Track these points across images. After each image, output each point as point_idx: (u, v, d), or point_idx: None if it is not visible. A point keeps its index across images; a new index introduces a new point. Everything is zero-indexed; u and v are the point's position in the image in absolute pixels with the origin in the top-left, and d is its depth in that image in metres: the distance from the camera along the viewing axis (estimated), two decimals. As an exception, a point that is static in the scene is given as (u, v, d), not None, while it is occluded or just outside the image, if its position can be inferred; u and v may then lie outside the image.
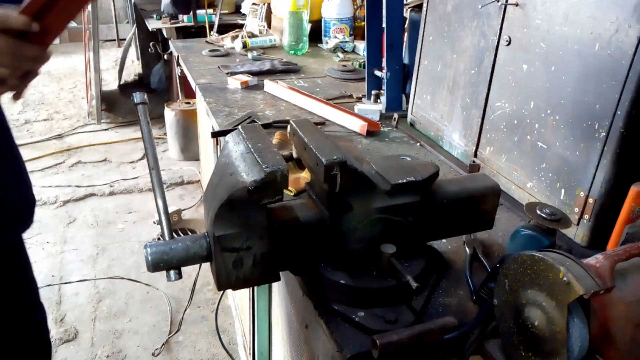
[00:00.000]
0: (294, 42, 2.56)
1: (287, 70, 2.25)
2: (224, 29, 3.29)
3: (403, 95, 1.79)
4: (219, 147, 2.07)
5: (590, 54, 0.98)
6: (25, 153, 4.57)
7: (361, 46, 2.58)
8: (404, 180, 0.85)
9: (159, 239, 2.79)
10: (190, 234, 1.90)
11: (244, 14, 3.38)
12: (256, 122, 1.62)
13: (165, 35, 3.92)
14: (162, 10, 3.93)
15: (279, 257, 0.83)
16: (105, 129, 4.74)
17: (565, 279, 0.63)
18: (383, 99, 1.78)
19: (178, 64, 2.99)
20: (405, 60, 1.79)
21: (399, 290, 0.85)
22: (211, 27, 3.39)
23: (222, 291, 1.50)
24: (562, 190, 1.08)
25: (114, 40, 7.54)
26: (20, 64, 0.89)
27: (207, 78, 2.12)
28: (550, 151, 1.10)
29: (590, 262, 0.71)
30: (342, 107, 1.70)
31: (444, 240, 1.06)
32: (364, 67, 1.91)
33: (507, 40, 1.19)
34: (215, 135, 1.58)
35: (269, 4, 2.95)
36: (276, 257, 0.82)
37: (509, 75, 1.20)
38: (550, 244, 0.91)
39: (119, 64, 5.58)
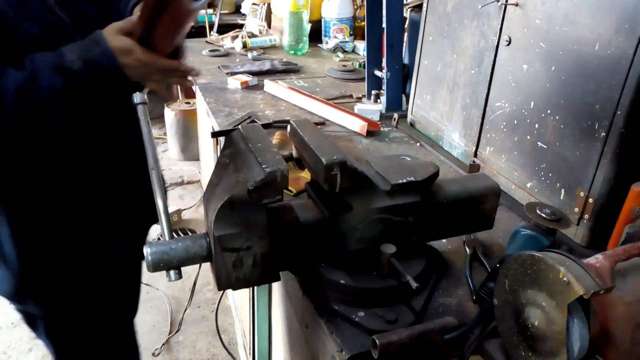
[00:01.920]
0: (294, 42, 2.56)
1: (287, 70, 2.25)
2: (224, 29, 3.29)
3: (403, 95, 1.79)
4: (219, 147, 2.07)
5: (590, 54, 0.98)
6: (25, 153, 4.48)
7: (361, 46, 2.58)
8: (404, 180, 0.85)
9: (158, 239, 2.79)
10: (190, 234, 1.90)
11: (244, 14, 3.38)
12: (256, 122, 1.62)
13: (165, 35, 3.90)
14: (162, 10, 3.92)
15: (279, 257, 0.83)
16: (105, 129, 4.73)
17: (565, 279, 0.63)
18: (383, 99, 1.78)
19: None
20: (405, 60, 1.79)
21: (399, 290, 0.85)
22: (211, 27, 3.38)
23: (222, 291, 1.50)
24: (562, 190, 1.08)
25: (114, 40, 7.53)
26: (159, 75, 0.98)
27: (207, 78, 2.12)
28: (550, 151, 1.10)
29: (590, 262, 0.71)
30: (342, 107, 1.70)
31: (444, 240, 1.06)
32: (364, 67, 1.91)
33: (507, 40, 1.19)
34: (215, 135, 1.56)
35: (269, 4, 2.95)
36: (276, 257, 0.82)
37: (509, 75, 1.20)
38: (550, 244, 0.91)
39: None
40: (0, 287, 1.13)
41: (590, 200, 1.01)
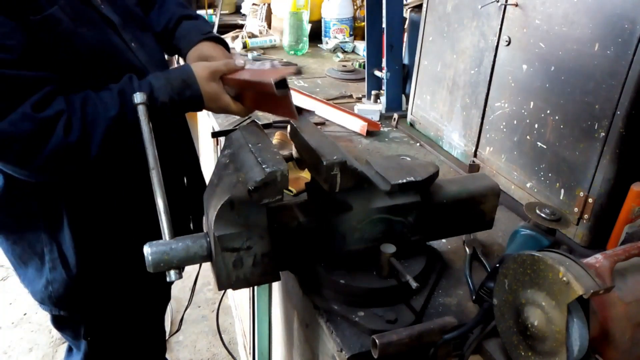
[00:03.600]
0: (294, 42, 2.56)
1: (287, 71, 2.25)
2: (224, 29, 3.29)
3: (403, 96, 1.79)
4: (219, 147, 2.07)
5: (589, 54, 0.98)
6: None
7: (361, 46, 2.58)
8: (404, 180, 0.85)
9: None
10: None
11: (244, 14, 3.37)
12: (256, 122, 1.62)
13: (166, 36, 3.90)
14: (162, 10, 3.91)
15: (279, 257, 0.83)
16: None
17: (564, 278, 0.63)
18: (383, 99, 1.78)
19: (177, 63, 2.99)
20: (405, 61, 1.79)
21: (398, 290, 0.85)
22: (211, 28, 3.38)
23: (222, 291, 1.50)
24: (562, 190, 1.08)
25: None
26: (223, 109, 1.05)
27: (207, 78, 2.12)
28: (549, 151, 1.10)
29: (589, 262, 0.71)
30: (342, 107, 1.70)
31: (443, 240, 1.06)
32: (364, 67, 1.91)
33: (506, 41, 1.19)
34: (215, 135, 1.57)
35: (269, 5, 2.95)
36: (276, 257, 0.82)
37: (509, 75, 1.20)
38: (549, 244, 0.91)
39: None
40: (53, 290, 1.12)
41: (590, 200, 1.01)
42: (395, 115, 1.69)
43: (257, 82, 0.96)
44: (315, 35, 2.77)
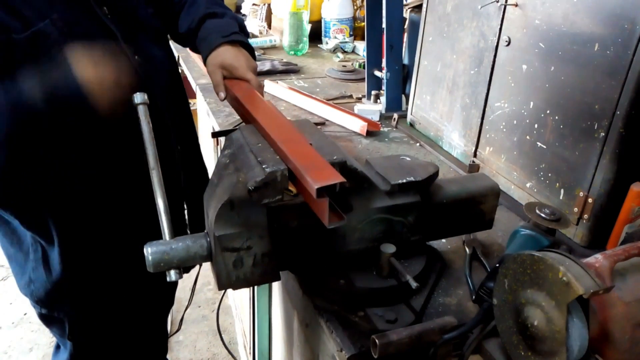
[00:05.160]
0: (294, 42, 2.57)
1: (287, 71, 2.25)
2: (224, 29, 3.28)
3: (403, 96, 1.79)
4: (219, 147, 2.07)
5: (589, 54, 0.98)
6: (25, 153, 4.52)
7: (361, 46, 2.58)
8: (404, 180, 0.86)
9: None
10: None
11: (244, 15, 3.38)
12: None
13: (166, 36, 3.90)
14: (162, 10, 3.91)
15: (279, 256, 0.83)
16: (106, 129, 4.72)
17: (564, 278, 0.63)
18: (383, 99, 1.78)
19: (178, 64, 2.99)
20: (405, 61, 1.79)
21: (398, 290, 0.85)
22: (211, 28, 3.38)
23: (222, 291, 1.50)
24: (562, 190, 1.08)
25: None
26: None
27: (208, 78, 2.12)
28: (549, 151, 1.10)
29: (589, 262, 0.72)
30: (342, 108, 1.70)
31: (443, 240, 1.06)
32: (364, 68, 1.91)
33: (506, 41, 1.19)
34: (216, 135, 1.57)
35: (269, 5, 2.95)
36: (276, 257, 0.82)
37: (509, 75, 1.20)
38: (549, 244, 0.91)
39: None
40: (34, 289, 1.12)
41: (590, 200, 1.01)
42: (395, 116, 1.69)
43: (293, 164, 0.75)
44: (315, 35, 2.77)
